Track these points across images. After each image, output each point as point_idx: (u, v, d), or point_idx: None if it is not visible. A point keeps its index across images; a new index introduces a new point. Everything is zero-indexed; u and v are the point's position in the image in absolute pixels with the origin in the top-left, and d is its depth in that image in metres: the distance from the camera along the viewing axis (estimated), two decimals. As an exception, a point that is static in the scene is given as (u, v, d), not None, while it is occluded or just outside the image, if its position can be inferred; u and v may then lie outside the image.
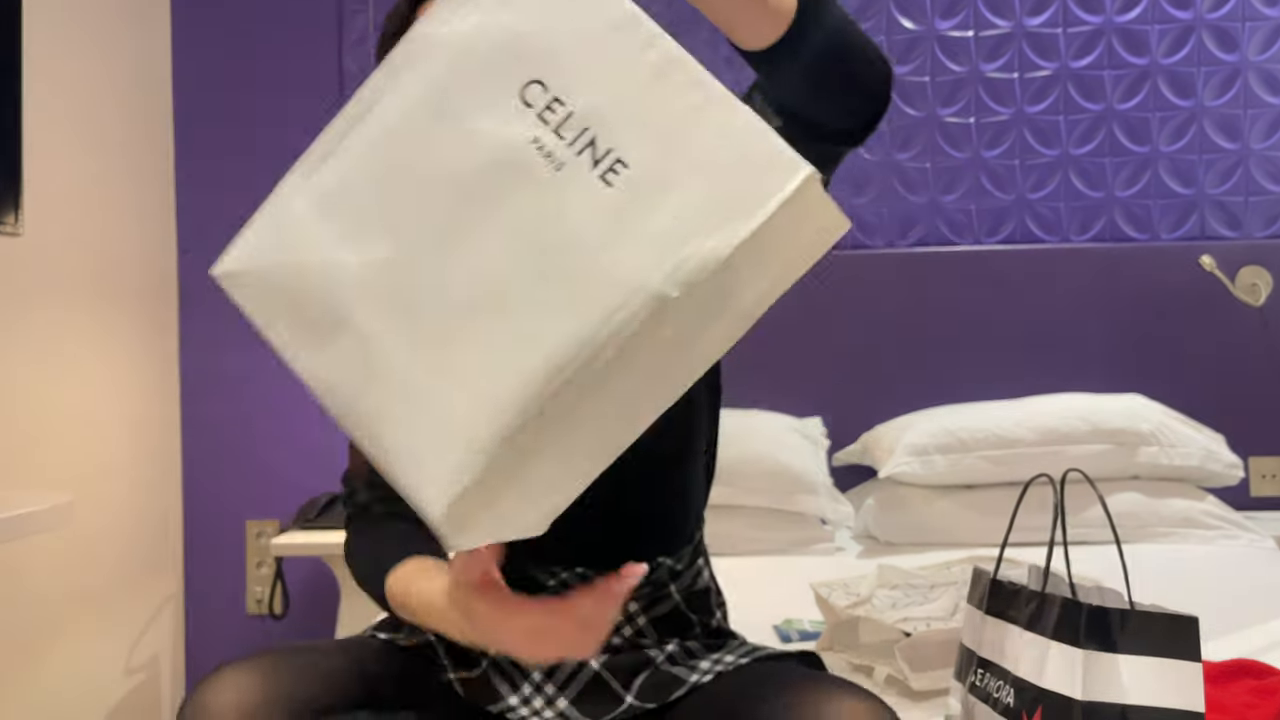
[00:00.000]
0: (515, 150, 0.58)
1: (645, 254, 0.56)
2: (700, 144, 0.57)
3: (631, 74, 0.58)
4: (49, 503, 1.66)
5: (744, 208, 0.55)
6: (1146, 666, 0.94)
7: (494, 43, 0.60)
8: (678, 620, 1.17)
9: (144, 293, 2.65)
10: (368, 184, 0.61)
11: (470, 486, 0.56)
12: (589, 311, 0.56)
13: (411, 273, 0.60)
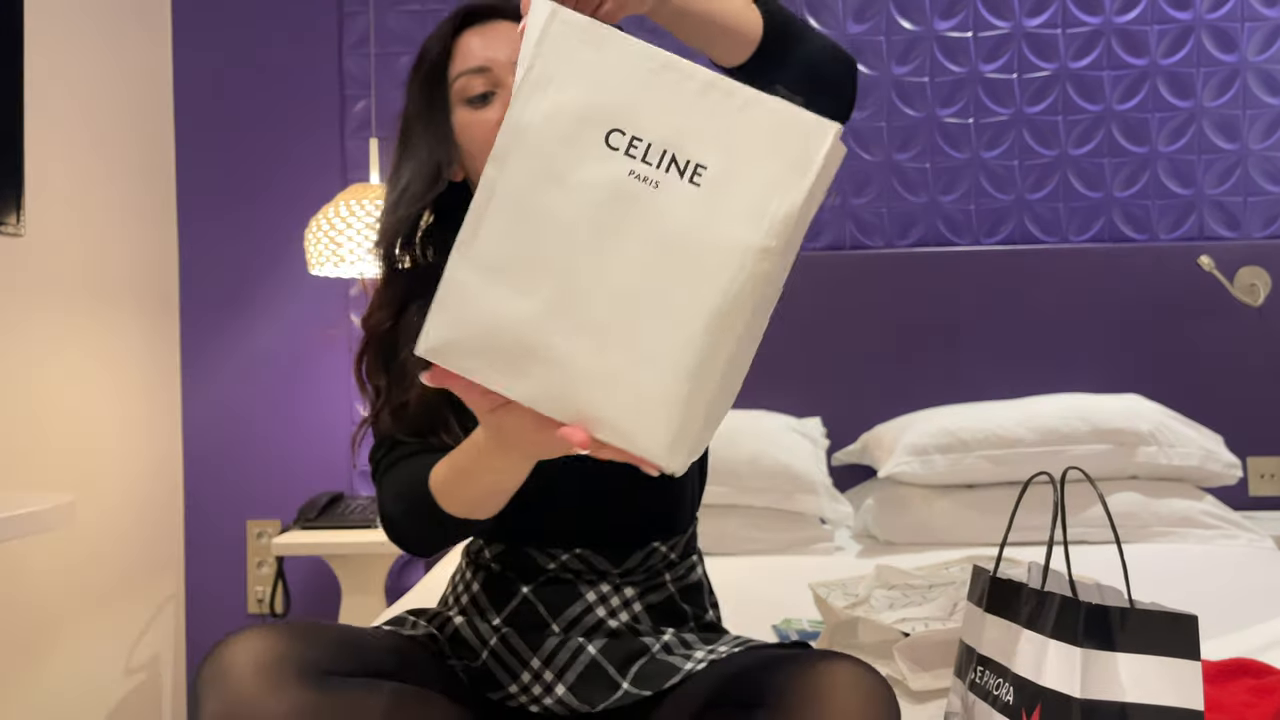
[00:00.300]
0: (619, 184, 0.75)
1: (742, 223, 0.74)
2: (752, 133, 0.74)
3: (683, 100, 0.75)
4: (50, 503, 1.67)
5: (800, 167, 0.74)
6: (1146, 665, 0.94)
7: (571, 114, 0.76)
8: (672, 610, 1.21)
9: (145, 293, 2.66)
10: (515, 246, 0.76)
11: (677, 432, 0.75)
12: (718, 279, 0.74)
13: (574, 298, 0.75)
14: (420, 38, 2.78)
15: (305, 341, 2.78)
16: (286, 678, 0.97)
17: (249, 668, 0.96)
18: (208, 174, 2.79)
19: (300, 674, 0.97)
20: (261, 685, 0.96)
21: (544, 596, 1.17)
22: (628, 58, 0.75)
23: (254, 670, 0.96)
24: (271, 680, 0.96)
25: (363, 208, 2.33)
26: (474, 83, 1.14)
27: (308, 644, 1.00)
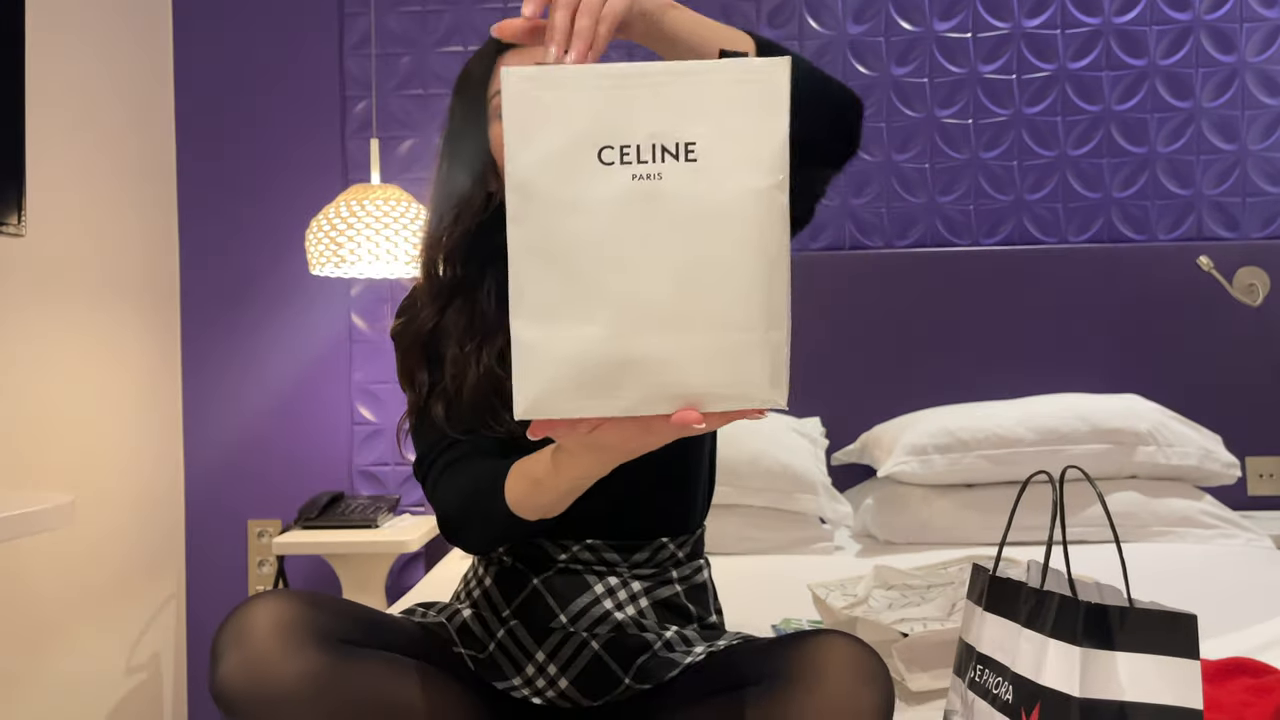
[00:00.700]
0: (628, 190, 0.80)
1: (747, 172, 0.80)
2: (719, 97, 0.80)
3: (646, 97, 0.81)
4: (51, 502, 1.67)
5: (772, 105, 0.81)
6: (1144, 664, 0.95)
7: (558, 151, 0.81)
8: (677, 608, 1.24)
9: (146, 293, 2.66)
10: (560, 286, 0.81)
11: (772, 371, 0.82)
12: (750, 225, 0.80)
13: (633, 302, 0.81)
14: (421, 38, 2.80)
15: (306, 341, 2.78)
16: (304, 640, 0.99)
17: (267, 628, 0.99)
18: (209, 174, 2.80)
19: (317, 638, 1.00)
20: (279, 646, 0.98)
21: (553, 587, 1.20)
22: (584, 83, 0.81)
23: (272, 631, 0.99)
24: (290, 642, 0.99)
25: (363, 208, 2.33)
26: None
27: (325, 612, 1.03)
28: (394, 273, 2.40)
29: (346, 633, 1.04)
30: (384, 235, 2.32)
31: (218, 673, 0.99)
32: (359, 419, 2.78)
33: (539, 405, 0.81)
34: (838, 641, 1.01)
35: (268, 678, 0.97)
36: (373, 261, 2.32)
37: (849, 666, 0.98)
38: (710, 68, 0.81)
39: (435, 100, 2.81)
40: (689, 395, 0.81)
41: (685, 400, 0.81)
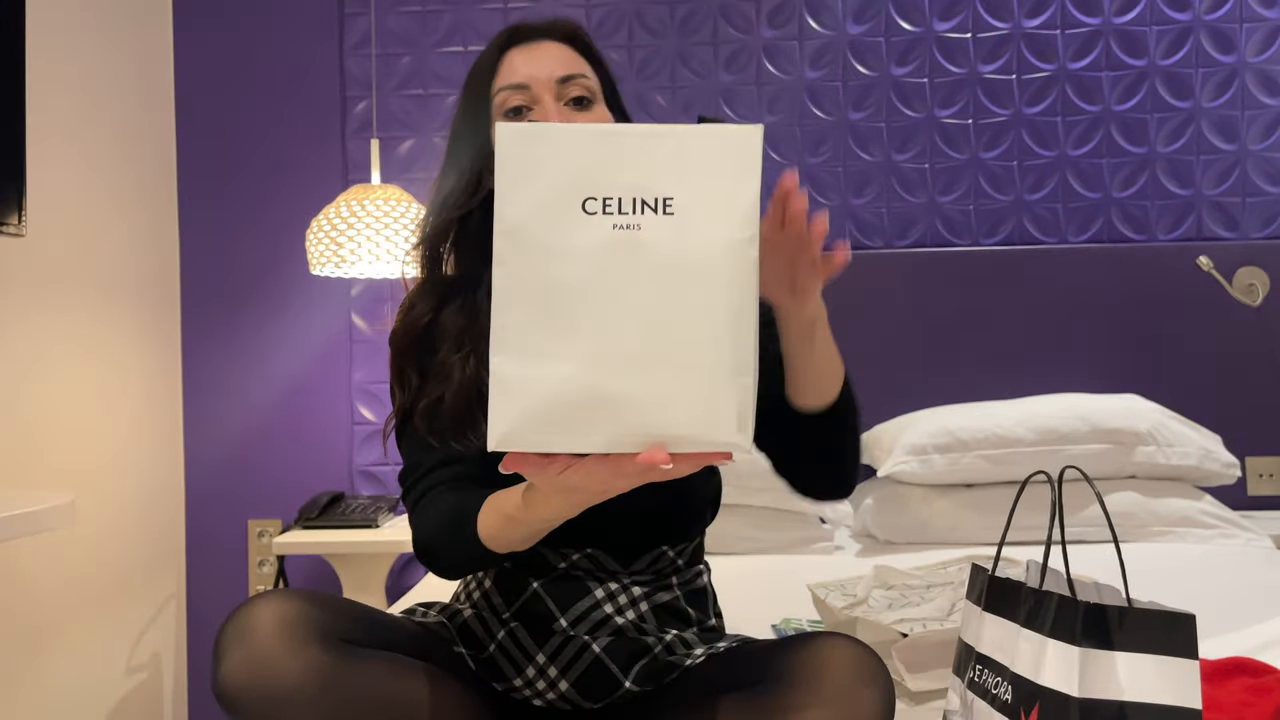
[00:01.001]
0: (609, 239, 0.85)
1: (720, 228, 0.86)
2: (697, 158, 0.86)
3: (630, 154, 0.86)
4: (51, 502, 1.67)
5: (745, 168, 0.87)
6: (1144, 664, 0.95)
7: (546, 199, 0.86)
8: (677, 611, 1.24)
9: (146, 293, 2.66)
10: (540, 325, 0.85)
11: (738, 415, 0.84)
12: (720, 276, 0.85)
13: (608, 344, 0.84)
14: (421, 38, 2.80)
15: (306, 341, 2.78)
16: (307, 639, 1.00)
17: (270, 626, 0.99)
18: (209, 174, 2.80)
19: (320, 637, 1.01)
20: (282, 644, 0.99)
21: (553, 591, 1.20)
22: (572, 139, 0.87)
23: (275, 629, 0.99)
24: (292, 640, 0.99)
25: (363, 208, 2.34)
26: (512, 97, 1.21)
27: (328, 611, 1.04)
28: (394, 273, 2.41)
29: (348, 632, 1.05)
30: (384, 235, 2.32)
31: (220, 671, 0.99)
32: (359, 419, 2.78)
33: (511, 438, 0.84)
34: (838, 643, 1.01)
35: (270, 676, 0.98)
36: (373, 261, 2.32)
37: (850, 668, 0.98)
38: (690, 131, 0.87)
39: (435, 100, 2.81)
40: (658, 436, 0.84)
41: (654, 441, 0.84)
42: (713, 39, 2.78)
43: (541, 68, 1.21)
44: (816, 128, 2.76)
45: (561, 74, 1.21)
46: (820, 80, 2.76)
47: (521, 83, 1.21)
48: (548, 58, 1.22)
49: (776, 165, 2.78)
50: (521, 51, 1.23)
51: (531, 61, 1.22)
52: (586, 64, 1.25)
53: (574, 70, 1.22)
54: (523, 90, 1.20)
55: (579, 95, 1.21)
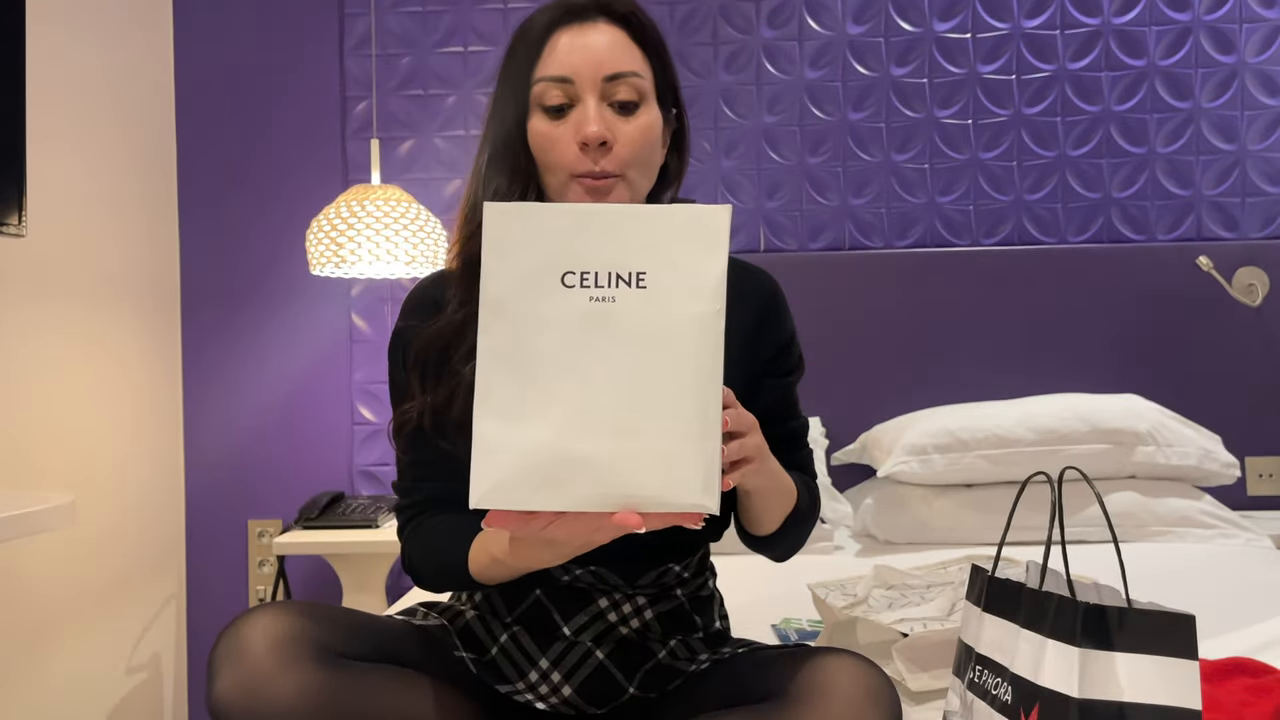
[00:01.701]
0: (585, 310, 0.91)
1: (689, 301, 0.91)
2: (668, 236, 0.92)
3: (606, 232, 0.91)
4: (51, 502, 1.67)
5: (713, 244, 0.92)
6: (1143, 664, 0.95)
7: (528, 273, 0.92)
8: (682, 618, 1.23)
9: (146, 293, 2.66)
10: (521, 389, 0.90)
11: (704, 478, 0.89)
12: (689, 346, 0.90)
13: (582, 408, 0.90)
14: (421, 38, 2.80)
15: (306, 341, 2.78)
16: (300, 656, 0.99)
17: (263, 644, 0.99)
18: (209, 175, 2.80)
19: (314, 653, 1.00)
20: (275, 662, 0.98)
21: (556, 599, 1.19)
22: (553, 217, 0.92)
23: (268, 647, 0.99)
24: (285, 658, 0.99)
25: (363, 208, 2.34)
26: (551, 91, 1.14)
27: (322, 625, 1.03)
28: (394, 273, 2.41)
29: (344, 644, 1.04)
30: (384, 236, 2.32)
31: (214, 690, 0.98)
32: (359, 419, 2.79)
33: (491, 496, 0.89)
34: (845, 661, 1.00)
35: (263, 695, 0.97)
36: (373, 262, 2.33)
37: (857, 687, 0.98)
38: (662, 211, 0.92)
39: (435, 100, 2.81)
40: (628, 496, 0.89)
41: (625, 499, 0.89)
42: (713, 39, 2.78)
43: (588, 59, 1.13)
44: (816, 128, 2.76)
45: (609, 71, 1.13)
46: (820, 80, 2.76)
47: (565, 75, 1.13)
48: (597, 46, 1.14)
49: (777, 165, 2.78)
50: (570, 33, 1.15)
51: (579, 49, 1.13)
52: (639, 52, 1.16)
53: (623, 67, 1.14)
54: (563, 84, 1.13)
55: (625, 100, 1.14)
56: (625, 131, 1.14)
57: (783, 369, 1.27)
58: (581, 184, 1.15)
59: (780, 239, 2.77)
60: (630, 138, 1.14)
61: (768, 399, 1.25)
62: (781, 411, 1.27)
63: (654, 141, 1.17)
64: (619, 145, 1.14)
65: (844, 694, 0.97)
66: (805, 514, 1.24)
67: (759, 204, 2.77)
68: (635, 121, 1.15)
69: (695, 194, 2.77)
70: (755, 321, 1.25)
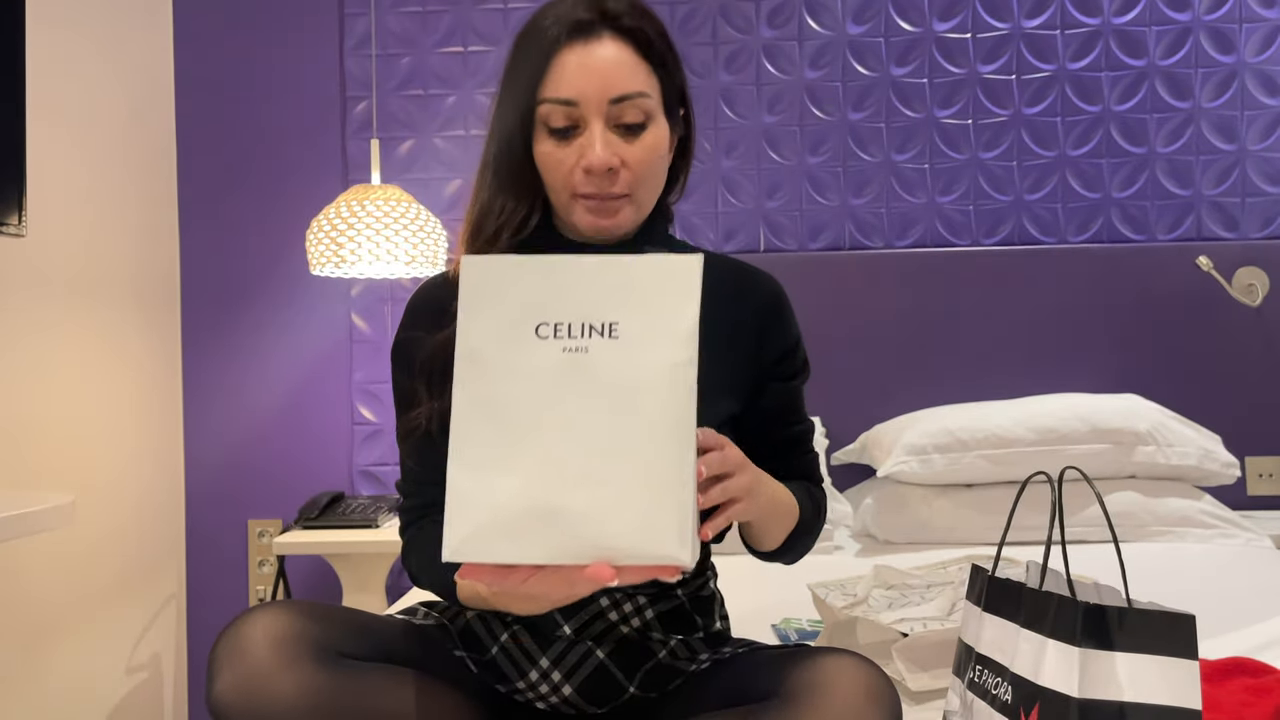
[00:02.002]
0: (558, 361, 0.90)
1: (661, 350, 0.90)
2: (641, 286, 0.91)
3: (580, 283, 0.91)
4: (51, 502, 1.67)
5: (685, 294, 0.91)
6: (1143, 664, 0.95)
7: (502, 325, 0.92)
8: (682, 618, 1.23)
9: (146, 293, 2.66)
10: (494, 441, 0.90)
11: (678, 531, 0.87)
12: (662, 396, 0.89)
13: (555, 460, 0.89)
14: (421, 38, 2.80)
15: (306, 341, 2.78)
16: (300, 655, 0.99)
17: (263, 643, 0.99)
18: (209, 174, 2.80)
19: (314, 653, 1.00)
20: (275, 661, 0.98)
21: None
22: (526, 269, 0.92)
23: (269, 646, 0.99)
24: (286, 657, 0.99)
25: (364, 208, 2.34)
26: (556, 113, 1.12)
27: (322, 624, 1.03)
28: (394, 273, 2.41)
29: (344, 643, 1.04)
30: (384, 235, 2.32)
31: (214, 690, 0.98)
32: (359, 419, 2.79)
33: (464, 549, 0.89)
34: (845, 661, 1.00)
35: (263, 694, 0.97)
36: (373, 262, 2.33)
37: (857, 686, 0.97)
38: (635, 261, 0.92)
39: (435, 100, 2.81)
40: (601, 548, 0.87)
41: (598, 552, 0.87)
42: (713, 39, 2.78)
43: (594, 82, 1.10)
44: (816, 128, 2.76)
45: (616, 94, 1.11)
46: (820, 80, 2.76)
47: (570, 99, 1.11)
48: (604, 66, 1.11)
49: (777, 165, 2.78)
50: (576, 51, 1.11)
51: (584, 71, 1.11)
52: (645, 67, 1.13)
53: (629, 88, 1.11)
54: (570, 107, 1.11)
55: (631, 122, 1.12)
56: (632, 154, 1.13)
57: (786, 373, 1.27)
58: (586, 204, 1.14)
59: (780, 239, 2.78)
60: (637, 160, 1.13)
61: (771, 403, 1.25)
62: (786, 415, 1.27)
63: (661, 159, 1.16)
64: (625, 169, 1.13)
65: (844, 693, 0.97)
66: (809, 525, 1.24)
67: (759, 204, 2.78)
68: (642, 143, 1.13)
69: (695, 194, 2.77)
70: (758, 324, 1.25)
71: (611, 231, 1.17)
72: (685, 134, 1.23)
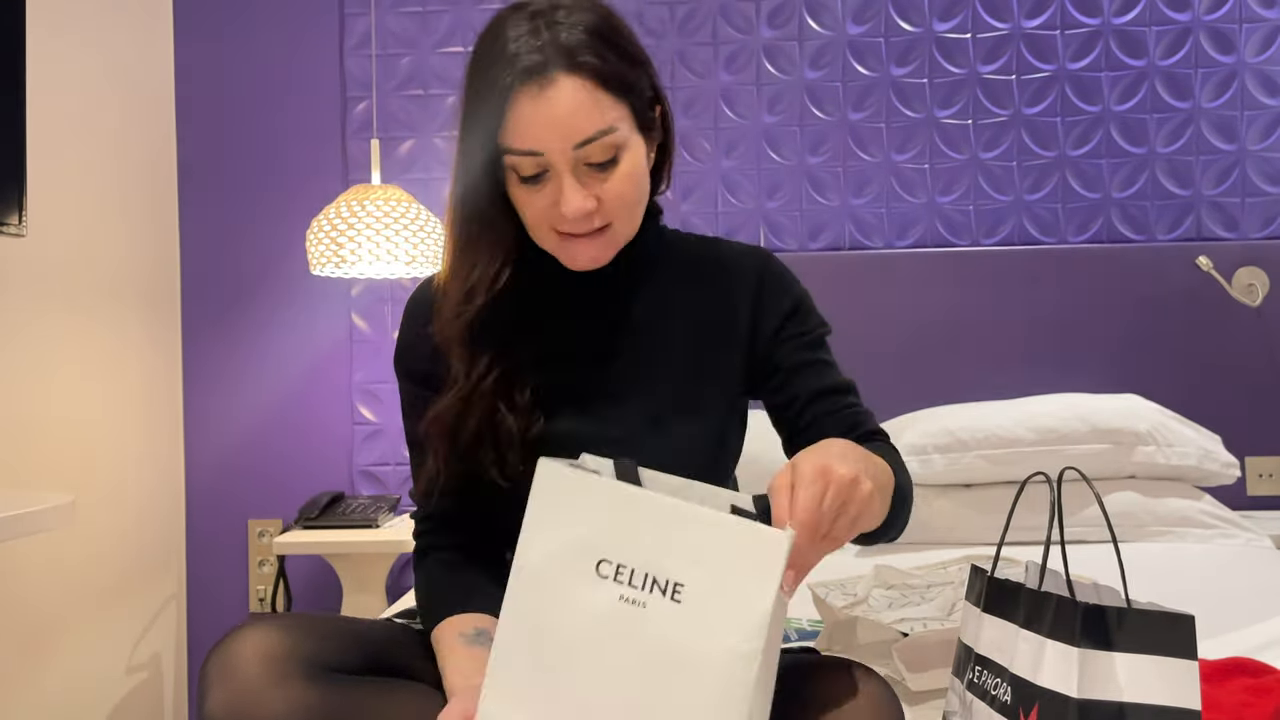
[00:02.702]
0: (611, 608, 0.85)
1: (724, 633, 0.81)
2: (719, 550, 0.83)
3: (656, 528, 0.84)
4: (51, 502, 1.67)
5: (764, 575, 0.82)
6: (1143, 665, 0.95)
7: (565, 549, 0.87)
8: None
9: (146, 293, 2.66)
10: (528, 670, 0.86)
11: None
12: (712, 685, 0.81)
13: (587, 707, 0.84)
14: (421, 38, 2.80)
15: (306, 341, 2.78)
16: (291, 673, 0.98)
17: (254, 662, 0.98)
18: (209, 174, 2.80)
19: (305, 669, 0.99)
20: (265, 680, 0.97)
21: None
22: (605, 497, 0.87)
23: (258, 665, 0.98)
24: (275, 675, 0.97)
25: (364, 208, 2.34)
26: (523, 163, 1.08)
27: (314, 638, 1.02)
28: (394, 273, 2.41)
29: (337, 656, 1.03)
30: (384, 235, 2.32)
31: (204, 708, 0.97)
32: (359, 419, 2.79)
33: None
34: (851, 674, 0.99)
35: (253, 714, 0.96)
36: (373, 262, 2.33)
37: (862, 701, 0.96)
38: (717, 521, 0.84)
39: (435, 100, 2.81)
40: None
41: None
42: (713, 39, 2.78)
43: (553, 131, 1.05)
44: (816, 128, 2.76)
45: (578, 140, 1.06)
46: (820, 80, 2.76)
47: (533, 149, 1.07)
48: (561, 112, 1.05)
49: (777, 165, 2.78)
50: (530, 98, 1.05)
51: (542, 120, 1.05)
52: (607, 98, 1.07)
53: (592, 130, 1.06)
54: (533, 157, 1.07)
55: (601, 161, 1.08)
56: (607, 190, 1.09)
57: (794, 332, 1.22)
58: (569, 242, 1.12)
59: (780, 239, 2.77)
60: (613, 195, 1.10)
61: (792, 361, 1.20)
62: (816, 369, 1.21)
63: (640, 180, 1.12)
64: (604, 205, 1.10)
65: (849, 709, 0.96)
66: (904, 493, 1.13)
67: (759, 204, 2.77)
68: (616, 176, 1.09)
69: (695, 194, 2.77)
70: (748, 306, 1.22)
71: (599, 262, 1.15)
72: (664, 134, 1.19)
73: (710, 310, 1.21)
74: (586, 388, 1.18)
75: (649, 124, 1.14)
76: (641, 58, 1.13)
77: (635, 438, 1.15)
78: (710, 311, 1.21)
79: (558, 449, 1.09)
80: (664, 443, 1.15)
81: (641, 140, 1.13)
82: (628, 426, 1.16)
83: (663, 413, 1.17)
